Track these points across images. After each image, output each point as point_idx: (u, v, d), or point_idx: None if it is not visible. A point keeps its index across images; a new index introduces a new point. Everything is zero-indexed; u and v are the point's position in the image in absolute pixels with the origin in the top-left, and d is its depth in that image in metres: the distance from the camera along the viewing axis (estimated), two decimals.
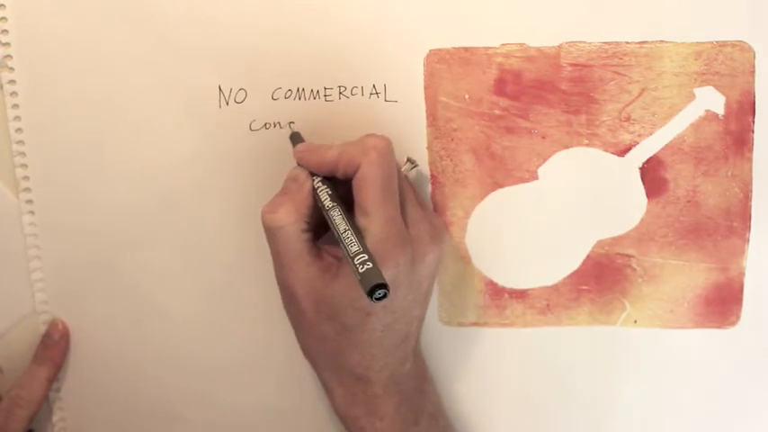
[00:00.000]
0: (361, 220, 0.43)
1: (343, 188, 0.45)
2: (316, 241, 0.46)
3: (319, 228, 0.46)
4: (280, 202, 0.45)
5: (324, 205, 0.44)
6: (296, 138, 0.48)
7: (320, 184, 0.46)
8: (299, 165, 0.47)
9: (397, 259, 0.43)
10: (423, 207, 0.47)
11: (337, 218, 0.43)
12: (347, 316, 0.44)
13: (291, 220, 0.44)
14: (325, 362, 0.47)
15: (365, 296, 0.38)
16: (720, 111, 0.47)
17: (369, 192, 0.43)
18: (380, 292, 0.38)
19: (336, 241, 0.43)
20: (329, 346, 0.46)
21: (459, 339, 0.51)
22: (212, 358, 0.53)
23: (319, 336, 0.46)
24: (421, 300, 0.47)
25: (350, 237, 0.42)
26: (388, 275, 0.42)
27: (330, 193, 0.45)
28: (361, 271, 0.39)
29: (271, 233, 0.45)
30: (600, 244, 0.50)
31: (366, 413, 0.47)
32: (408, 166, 0.48)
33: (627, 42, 0.47)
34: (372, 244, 0.42)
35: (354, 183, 0.44)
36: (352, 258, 0.40)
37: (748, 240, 0.49)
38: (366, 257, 0.40)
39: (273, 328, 0.52)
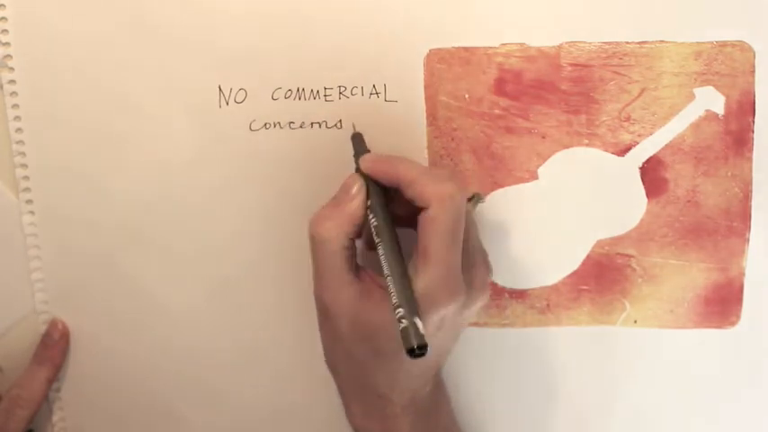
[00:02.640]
0: (420, 262, 0.42)
1: (398, 201, 0.44)
2: (358, 261, 0.45)
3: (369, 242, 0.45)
4: (328, 215, 0.44)
5: (377, 228, 0.43)
6: (357, 139, 0.47)
7: (377, 199, 0.44)
8: (357, 171, 0.45)
9: (448, 306, 0.42)
10: (480, 250, 0.46)
11: (385, 256, 0.42)
12: (382, 343, 0.43)
13: (336, 234, 0.43)
14: (348, 376, 0.46)
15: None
16: (720, 111, 0.47)
17: (436, 237, 0.42)
18: (419, 352, 0.38)
19: (381, 269, 0.42)
20: (357, 364, 0.45)
21: (459, 339, 0.51)
22: (213, 358, 0.53)
23: (348, 353, 0.45)
24: (456, 337, 0.46)
25: (398, 279, 0.41)
26: (434, 319, 0.41)
27: (385, 212, 0.43)
28: (404, 323, 0.39)
29: (314, 245, 0.44)
30: (600, 244, 0.50)
31: (381, 429, 0.46)
32: (475, 201, 0.47)
33: (627, 42, 0.47)
34: (426, 288, 0.41)
35: (421, 220, 0.43)
36: (397, 305, 0.40)
37: (748, 240, 0.49)
38: (412, 310, 0.39)
39: (275, 327, 0.52)
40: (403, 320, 0.39)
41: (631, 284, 0.50)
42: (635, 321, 0.50)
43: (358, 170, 0.45)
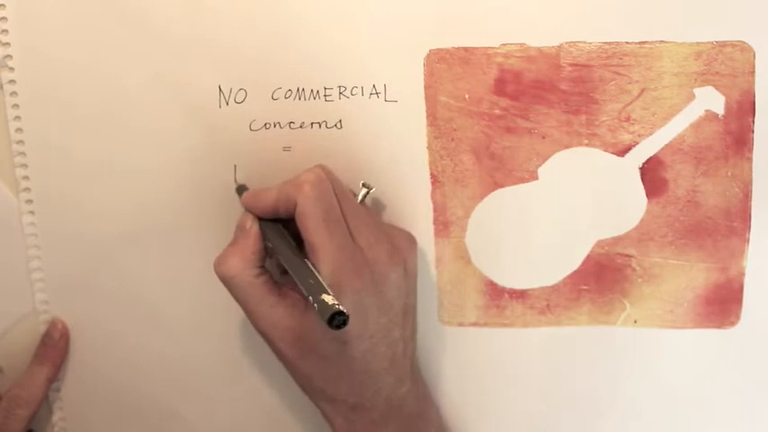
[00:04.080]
0: (311, 255, 0.44)
1: (295, 226, 0.45)
2: (279, 281, 0.46)
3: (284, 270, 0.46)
4: (229, 253, 0.46)
5: (274, 247, 0.45)
6: (242, 189, 0.49)
7: (270, 227, 0.46)
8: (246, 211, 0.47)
9: (355, 285, 0.43)
10: (380, 228, 0.47)
11: (286, 258, 0.44)
12: (324, 348, 0.44)
13: (240, 269, 0.45)
14: (318, 395, 0.47)
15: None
16: (720, 111, 0.47)
17: (310, 225, 0.44)
18: (339, 320, 0.38)
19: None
20: (316, 380, 0.46)
21: (459, 339, 0.51)
22: (212, 358, 0.53)
23: (304, 373, 0.46)
24: (398, 321, 0.46)
25: (301, 273, 0.42)
26: (350, 302, 0.42)
27: (280, 234, 0.46)
28: (316, 304, 0.39)
29: (226, 284, 0.46)
30: (600, 244, 0.50)
31: None
32: (364, 191, 0.48)
33: (627, 42, 0.47)
34: (327, 275, 0.43)
35: (296, 220, 0.44)
36: (307, 293, 0.41)
37: (748, 240, 0.49)
38: (318, 290, 0.40)
39: None
40: (315, 303, 0.39)
41: (631, 284, 0.50)
42: (635, 321, 0.50)
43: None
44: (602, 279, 0.50)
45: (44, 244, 0.52)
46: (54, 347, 0.52)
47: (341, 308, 0.38)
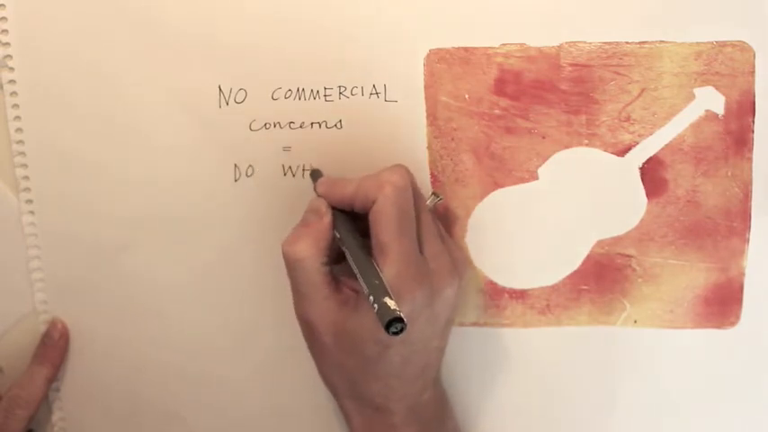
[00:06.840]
0: (378, 255, 0.43)
1: (364, 221, 0.45)
2: (335, 274, 0.46)
3: (339, 259, 0.46)
4: (299, 235, 0.45)
5: (342, 239, 0.45)
6: (316, 174, 0.49)
7: (340, 217, 0.46)
8: (319, 197, 0.47)
9: (414, 293, 0.43)
10: (444, 241, 0.47)
11: (354, 252, 0.43)
12: (366, 348, 0.44)
13: (311, 253, 0.44)
14: (345, 390, 0.47)
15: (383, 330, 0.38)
16: (720, 111, 0.47)
17: (384, 226, 0.43)
18: (397, 327, 0.38)
19: (354, 273, 0.43)
20: (348, 375, 0.46)
21: (459, 339, 0.51)
22: (211, 358, 0.53)
23: (338, 366, 0.46)
24: (439, 332, 0.46)
25: (366, 271, 0.42)
26: (405, 309, 0.42)
27: (349, 226, 0.45)
28: (377, 306, 0.39)
29: (290, 265, 0.45)
30: (600, 244, 0.50)
31: None
32: (432, 199, 0.48)
33: (627, 42, 0.47)
34: (389, 278, 0.42)
35: (370, 217, 0.44)
36: (369, 293, 0.40)
37: (748, 240, 0.49)
38: (382, 292, 0.40)
39: (274, 328, 0.52)
40: (375, 304, 0.39)
41: (631, 284, 0.50)
42: (635, 321, 0.50)
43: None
44: (602, 279, 0.50)
45: (44, 244, 0.52)
46: (54, 347, 0.52)
47: (401, 314, 0.38)
